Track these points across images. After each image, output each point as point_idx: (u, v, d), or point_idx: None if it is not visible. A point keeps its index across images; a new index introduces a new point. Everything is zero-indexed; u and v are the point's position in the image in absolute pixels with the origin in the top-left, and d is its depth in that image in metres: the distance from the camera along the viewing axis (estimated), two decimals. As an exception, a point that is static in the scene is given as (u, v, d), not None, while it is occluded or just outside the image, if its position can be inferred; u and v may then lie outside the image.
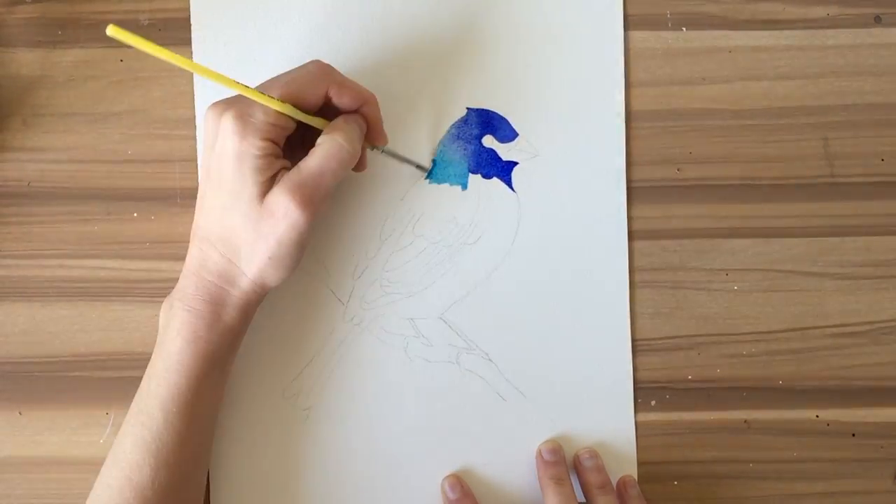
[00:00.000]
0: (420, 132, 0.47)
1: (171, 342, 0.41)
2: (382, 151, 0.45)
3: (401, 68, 0.47)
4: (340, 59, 0.47)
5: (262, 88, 0.39)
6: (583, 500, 0.46)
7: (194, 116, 0.47)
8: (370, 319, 0.47)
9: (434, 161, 0.47)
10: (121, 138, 0.47)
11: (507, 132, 0.47)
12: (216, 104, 0.40)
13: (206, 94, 0.47)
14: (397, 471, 0.47)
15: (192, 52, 0.47)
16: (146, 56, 0.47)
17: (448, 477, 0.46)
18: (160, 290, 0.47)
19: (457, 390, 0.47)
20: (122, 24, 0.47)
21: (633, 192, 0.48)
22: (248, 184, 0.39)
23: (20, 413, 0.47)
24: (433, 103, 0.47)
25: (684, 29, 0.48)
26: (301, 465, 0.47)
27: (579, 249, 0.47)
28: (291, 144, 0.41)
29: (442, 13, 0.48)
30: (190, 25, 0.47)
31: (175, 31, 0.47)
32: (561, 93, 0.48)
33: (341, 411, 0.47)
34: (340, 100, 0.41)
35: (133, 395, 0.42)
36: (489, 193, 0.47)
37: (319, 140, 0.40)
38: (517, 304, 0.47)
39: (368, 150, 0.44)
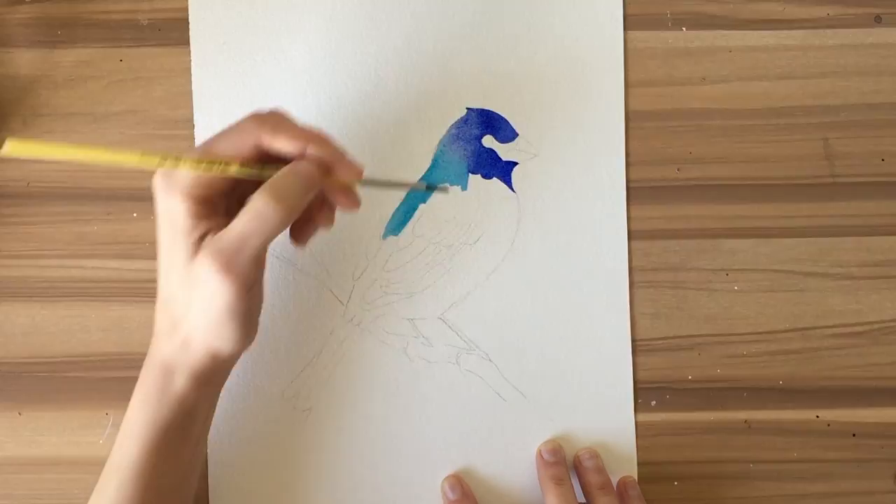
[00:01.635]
0: (420, 132, 0.47)
1: (130, 407, 0.39)
2: (364, 185, 0.41)
3: (401, 68, 0.47)
4: (340, 59, 0.47)
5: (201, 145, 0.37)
6: (583, 500, 0.46)
7: (194, 116, 0.47)
8: (370, 320, 0.47)
9: (432, 164, 0.47)
10: (121, 138, 0.47)
11: (507, 132, 0.47)
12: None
13: (206, 94, 0.47)
14: (397, 471, 0.47)
15: (191, 53, 0.47)
16: (146, 56, 0.47)
17: (448, 477, 0.46)
18: (160, 290, 0.47)
19: (457, 391, 0.47)
20: (121, 24, 0.47)
21: (633, 192, 0.48)
22: (177, 245, 0.37)
23: (20, 413, 0.47)
24: (433, 103, 0.47)
25: (684, 29, 0.48)
26: (301, 466, 0.46)
27: (579, 249, 0.47)
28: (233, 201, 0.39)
29: (442, 13, 0.48)
30: (189, 26, 0.47)
31: (174, 31, 0.47)
32: (561, 93, 0.48)
33: (341, 412, 0.47)
34: (278, 147, 0.37)
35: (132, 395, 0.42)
36: (489, 193, 0.47)
37: (248, 199, 0.36)
38: (517, 305, 0.47)
39: (359, 186, 0.41)
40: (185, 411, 0.39)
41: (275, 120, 0.38)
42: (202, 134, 0.47)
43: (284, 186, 0.36)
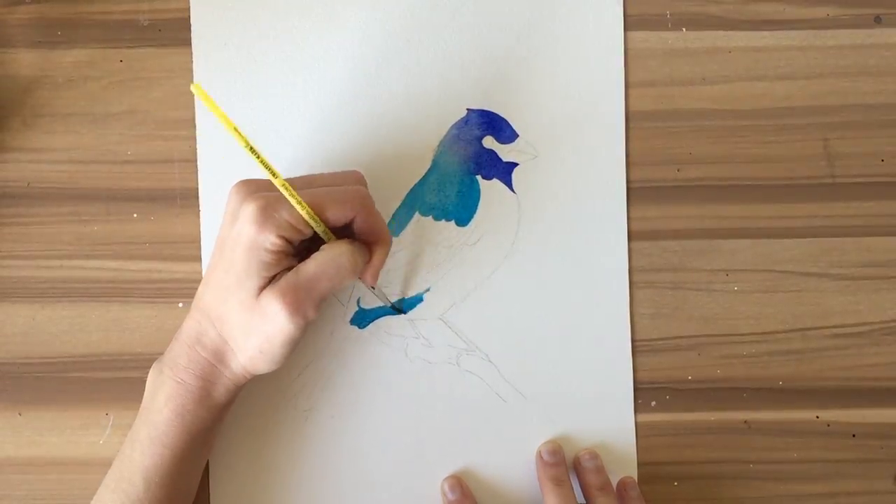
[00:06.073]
0: (420, 132, 0.47)
1: (158, 412, 0.41)
2: (369, 288, 0.44)
3: (401, 68, 0.47)
4: (340, 60, 0.47)
5: (300, 184, 0.39)
6: (583, 501, 0.46)
7: (194, 117, 0.47)
8: (370, 320, 0.47)
9: (432, 164, 0.47)
10: (121, 139, 0.47)
11: (507, 133, 0.47)
12: (244, 184, 0.40)
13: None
14: (397, 472, 0.47)
15: (191, 53, 0.47)
16: (146, 56, 0.47)
17: (448, 478, 0.46)
18: (160, 290, 0.47)
19: (457, 391, 0.47)
20: (121, 24, 0.47)
21: (633, 192, 0.48)
22: (254, 276, 0.39)
23: (20, 414, 0.47)
24: (433, 104, 0.47)
25: (684, 29, 0.48)
26: (301, 466, 0.46)
27: (579, 249, 0.47)
28: (301, 245, 0.41)
29: (442, 13, 0.48)
30: (190, 25, 0.47)
31: (175, 31, 0.47)
32: (561, 93, 0.48)
33: (341, 412, 0.47)
34: (361, 229, 0.41)
35: (133, 396, 0.42)
36: (489, 194, 0.47)
37: (324, 247, 0.40)
38: (517, 305, 0.47)
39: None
40: (218, 418, 0.42)
41: (371, 204, 0.41)
42: (203, 134, 0.47)
43: (357, 251, 0.40)
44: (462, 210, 0.47)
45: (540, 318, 0.47)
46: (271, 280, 0.39)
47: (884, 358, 0.48)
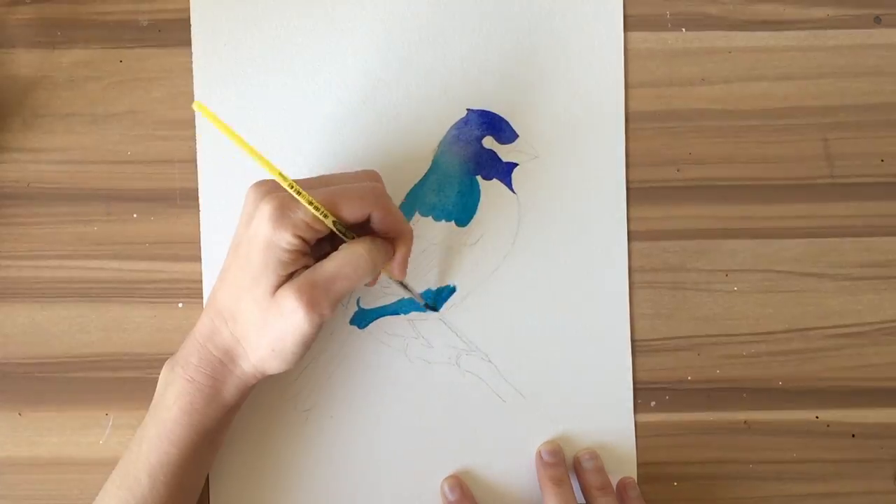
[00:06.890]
0: (420, 132, 0.47)
1: (167, 410, 0.41)
2: (398, 283, 0.45)
3: (401, 69, 0.47)
4: (340, 60, 0.47)
5: (315, 184, 0.39)
6: (583, 501, 0.46)
7: (194, 117, 0.47)
8: (370, 321, 0.47)
9: (432, 165, 0.47)
10: (121, 139, 0.47)
11: (507, 133, 0.47)
12: (260, 184, 0.40)
13: (206, 94, 0.47)
14: (397, 472, 0.47)
15: (191, 53, 0.47)
16: (146, 56, 0.47)
17: (448, 478, 0.46)
18: (160, 290, 0.47)
19: (457, 391, 0.47)
20: (121, 24, 0.47)
21: (633, 193, 0.48)
22: (270, 274, 0.39)
23: (20, 414, 0.47)
24: (433, 104, 0.47)
25: (684, 29, 0.48)
26: (301, 466, 0.47)
27: (579, 250, 0.47)
28: (319, 244, 0.41)
29: (442, 13, 0.48)
30: (190, 26, 0.47)
31: (175, 32, 0.47)
32: (561, 94, 0.48)
33: (341, 412, 0.47)
34: (379, 226, 0.41)
35: (133, 396, 0.42)
36: (489, 194, 0.47)
37: (343, 246, 0.40)
38: (517, 305, 0.47)
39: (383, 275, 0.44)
40: (226, 418, 0.42)
41: (388, 200, 0.41)
42: (203, 134, 0.47)
43: (378, 249, 0.40)
44: (462, 210, 0.47)
45: (540, 318, 0.47)
46: (288, 279, 0.39)
47: (884, 358, 0.48)
